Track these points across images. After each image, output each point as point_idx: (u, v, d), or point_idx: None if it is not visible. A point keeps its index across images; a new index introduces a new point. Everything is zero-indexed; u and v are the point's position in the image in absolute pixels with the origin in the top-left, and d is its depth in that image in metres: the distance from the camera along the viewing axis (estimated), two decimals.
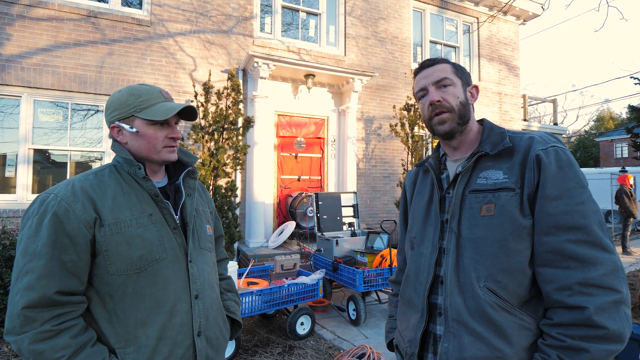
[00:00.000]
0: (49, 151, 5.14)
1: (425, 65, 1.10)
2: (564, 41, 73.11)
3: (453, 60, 5.32)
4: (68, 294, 0.94)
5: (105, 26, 5.30)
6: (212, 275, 1.20)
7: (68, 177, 5.19)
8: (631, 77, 6.93)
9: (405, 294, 1.13)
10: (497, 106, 8.86)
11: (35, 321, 0.89)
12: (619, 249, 8.08)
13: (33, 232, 0.94)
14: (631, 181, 8.49)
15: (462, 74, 1.09)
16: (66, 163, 5.20)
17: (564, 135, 18.28)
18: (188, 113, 1.14)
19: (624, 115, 30.99)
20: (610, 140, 26.43)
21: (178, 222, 1.11)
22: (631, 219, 8.08)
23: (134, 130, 1.07)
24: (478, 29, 8.41)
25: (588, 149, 29.68)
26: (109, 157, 5.34)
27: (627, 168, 13.77)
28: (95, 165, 5.40)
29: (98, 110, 5.36)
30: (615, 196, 8.33)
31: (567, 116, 30.91)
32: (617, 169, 13.84)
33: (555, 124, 12.12)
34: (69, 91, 5.11)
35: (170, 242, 1.07)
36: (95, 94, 5.23)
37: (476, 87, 1.10)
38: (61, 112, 5.17)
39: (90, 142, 5.31)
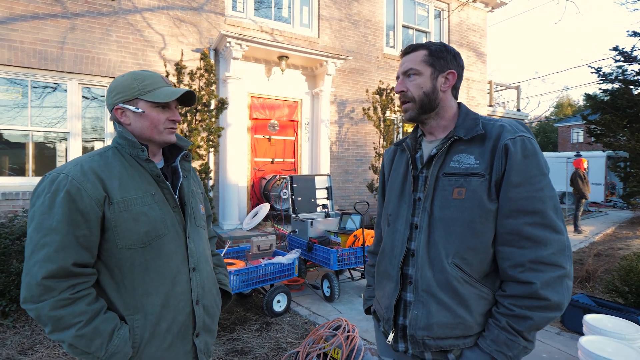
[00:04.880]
0: (7, 131, 4.86)
1: (403, 53, 1.19)
2: (528, 30, 75.51)
3: None
4: (82, 266, 1.03)
5: None
6: (207, 251, 1.30)
7: (30, 158, 4.96)
8: (589, 66, 7.37)
9: (381, 266, 1.25)
10: (464, 92, 9.15)
11: (54, 290, 0.97)
12: (571, 228, 8.71)
13: (46, 209, 1.00)
14: (585, 165, 9.09)
15: (436, 60, 1.14)
16: (27, 144, 4.95)
17: (526, 121, 19.13)
18: (186, 98, 1.22)
19: (581, 103, 32.79)
20: (568, 126, 27.94)
21: (177, 201, 1.20)
22: (583, 200, 8.68)
23: (140, 110, 1.14)
24: (449, 15, 8.57)
25: (547, 134, 31.23)
26: (74, 139, 5.13)
27: (581, 153, 14.72)
28: (60, 146, 5.18)
29: (61, 88, 5.10)
30: (571, 179, 8.89)
31: (530, 102, 32.28)
32: (573, 154, 14.76)
33: (519, 109, 12.68)
34: (29, 67, 4.81)
35: (171, 219, 1.15)
36: (57, 71, 4.96)
37: (452, 72, 1.16)
38: (20, 90, 4.88)
39: (55, 122, 5.06)
